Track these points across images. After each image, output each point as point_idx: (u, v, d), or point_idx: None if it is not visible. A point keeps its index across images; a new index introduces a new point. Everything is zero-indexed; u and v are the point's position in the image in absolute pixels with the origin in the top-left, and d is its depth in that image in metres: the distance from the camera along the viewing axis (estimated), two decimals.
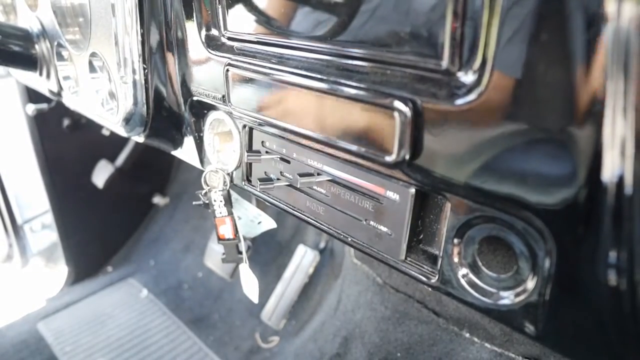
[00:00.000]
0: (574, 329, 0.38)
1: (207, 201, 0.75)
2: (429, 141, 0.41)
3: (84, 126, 1.75)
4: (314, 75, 0.49)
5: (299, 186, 0.58)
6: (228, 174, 0.72)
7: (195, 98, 0.71)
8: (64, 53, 0.93)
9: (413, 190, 0.46)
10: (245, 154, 0.65)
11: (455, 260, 0.45)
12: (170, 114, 0.78)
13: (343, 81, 0.46)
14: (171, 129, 0.81)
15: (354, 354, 1.21)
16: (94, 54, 0.82)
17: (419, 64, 0.40)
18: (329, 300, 1.42)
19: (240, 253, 0.80)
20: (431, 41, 0.39)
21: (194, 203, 0.77)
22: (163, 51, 0.73)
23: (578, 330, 0.38)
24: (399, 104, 0.41)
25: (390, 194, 0.48)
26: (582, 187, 0.33)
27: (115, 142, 1.83)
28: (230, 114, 0.67)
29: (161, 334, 1.62)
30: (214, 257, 1.74)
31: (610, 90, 0.30)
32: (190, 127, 0.76)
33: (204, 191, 0.74)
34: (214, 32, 0.64)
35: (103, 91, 0.86)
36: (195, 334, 1.62)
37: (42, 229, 1.99)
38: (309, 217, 0.60)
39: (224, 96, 0.64)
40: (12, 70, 1.32)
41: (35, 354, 1.52)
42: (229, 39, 0.62)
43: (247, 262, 0.81)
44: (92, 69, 0.85)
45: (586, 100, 0.31)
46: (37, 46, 0.98)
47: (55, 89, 1.00)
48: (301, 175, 0.57)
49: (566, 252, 0.36)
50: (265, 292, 1.59)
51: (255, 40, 0.58)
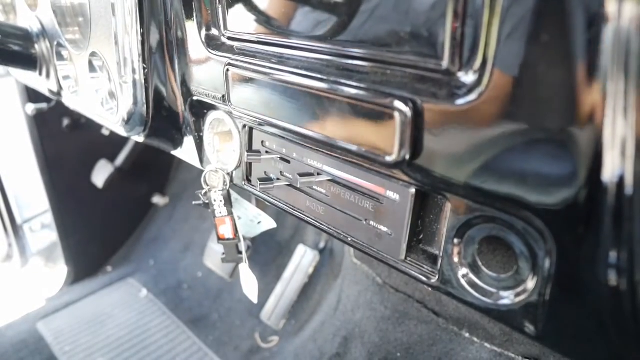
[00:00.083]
0: (574, 329, 0.38)
1: (207, 201, 0.75)
2: (429, 141, 0.41)
3: (84, 126, 1.75)
4: (314, 75, 0.49)
5: (299, 186, 0.58)
6: (228, 173, 0.72)
7: (195, 98, 0.71)
8: (64, 53, 0.93)
9: (413, 190, 0.46)
10: (245, 153, 0.65)
11: (456, 260, 0.45)
12: (170, 114, 0.78)
13: (343, 81, 0.46)
14: (171, 129, 0.81)
15: (353, 354, 1.21)
16: (93, 54, 0.82)
17: (419, 64, 0.40)
18: (329, 300, 1.41)
19: (240, 253, 0.80)
20: (431, 41, 0.39)
21: (194, 203, 0.77)
22: (163, 51, 0.72)
23: (578, 330, 0.38)
24: (399, 104, 0.41)
25: (390, 194, 0.48)
26: (583, 188, 0.33)
27: (115, 142, 1.83)
28: (230, 113, 0.67)
29: (161, 334, 1.62)
30: (214, 257, 1.74)
31: (610, 91, 0.30)
32: (190, 127, 0.76)
33: (204, 191, 0.74)
34: (214, 32, 0.64)
35: (103, 91, 0.86)
36: (195, 334, 1.62)
37: (42, 229, 1.99)
38: (309, 217, 0.60)
39: (224, 96, 0.64)
40: (12, 70, 1.32)
41: (35, 354, 1.52)
42: (229, 38, 0.62)
43: (247, 262, 0.81)
44: (92, 68, 0.85)
45: (587, 100, 0.31)
46: (37, 46, 0.98)
47: (55, 88, 1.00)
48: (301, 175, 0.57)
49: (566, 252, 0.36)
50: (265, 292, 1.59)
51: (256, 40, 0.58)
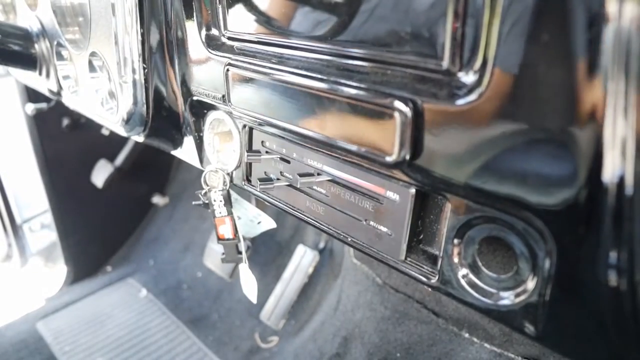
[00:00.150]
0: (574, 329, 0.38)
1: (207, 201, 0.75)
2: (429, 141, 0.41)
3: (84, 126, 1.75)
4: (314, 75, 0.49)
5: (299, 186, 0.58)
6: (228, 173, 0.72)
7: (195, 98, 0.71)
8: (64, 52, 0.93)
9: (413, 191, 0.46)
10: (245, 153, 0.65)
11: (455, 260, 0.45)
12: (170, 114, 0.78)
13: (343, 81, 0.46)
14: (171, 129, 0.81)
15: (353, 354, 1.21)
16: (93, 54, 0.81)
17: (420, 64, 0.40)
18: (329, 300, 1.41)
19: (240, 253, 0.80)
20: (432, 41, 0.39)
21: (194, 203, 0.77)
22: (163, 51, 0.72)
23: (578, 330, 0.38)
24: (399, 104, 0.41)
25: (390, 194, 0.48)
26: (583, 188, 0.33)
27: (115, 142, 1.83)
28: (230, 113, 0.67)
29: (160, 334, 1.62)
30: (214, 257, 1.74)
31: (611, 91, 0.29)
32: (190, 127, 0.76)
33: (204, 191, 0.74)
34: (214, 32, 0.64)
35: (103, 91, 0.86)
36: (195, 334, 1.62)
37: (41, 229, 1.99)
38: (308, 217, 0.60)
39: (224, 96, 0.64)
40: (12, 70, 1.32)
41: (35, 354, 1.52)
42: (229, 38, 0.62)
43: (247, 262, 0.81)
44: (92, 68, 0.85)
45: (587, 100, 0.31)
46: (37, 45, 0.98)
47: (55, 88, 1.00)
48: (301, 175, 0.57)
49: (566, 253, 0.36)
50: (265, 292, 1.59)
51: (256, 40, 0.58)
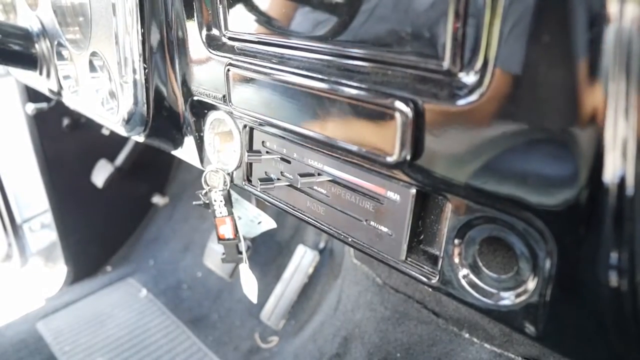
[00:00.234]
0: (574, 329, 0.38)
1: (207, 201, 0.75)
2: (430, 142, 0.41)
3: (84, 125, 1.75)
4: (315, 75, 0.49)
5: (299, 186, 0.58)
6: (228, 174, 0.72)
7: (195, 98, 0.71)
8: (64, 52, 0.93)
9: (414, 191, 0.46)
10: (246, 154, 0.65)
11: (456, 260, 0.45)
12: (171, 114, 0.78)
13: (344, 81, 0.46)
14: (171, 129, 0.81)
15: (353, 354, 1.21)
16: (94, 54, 0.81)
17: (420, 64, 0.40)
18: (329, 300, 1.41)
19: (240, 253, 0.80)
20: (432, 41, 0.39)
21: (194, 203, 0.77)
22: (164, 51, 0.72)
23: (579, 331, 0.38)
24: (400, 105, 0.41)
25: (390, 194, 0.48)
26: (584, 188, 0.33)
27: (115, 142, 1.83)
28: (230, 113, 0.67)
29: (160, 334, 1.62)
30: (214, 257, 1.74)
31: (612, 91, 0.29)
32: (191, 127, 0.76)
33: (204, 191, 0.74)
34: (215, 32, 0.64)
35: (103, 91, 0.86)
36: (195, 334, 1.62)
37: (42, 229, 1.99)
38: (309, 217, 0.60)
39: (224, 96, 0.64)
40: (12, 70, 1.32)
41: (35, 354, 1.52)
42: (230, 38, 0.62)
43: (247, 262, 0.81)
44: (93, 68, 0.85)
45: (588, 101, 0.31)
46: (37, 45, 0.98)
47: (55, 88, 1.00)
48: (302, 175, 0.57)
49: (567, 253, 0.36)
50: (265, 292, 1.59)
51: (256, 40, 0.58)
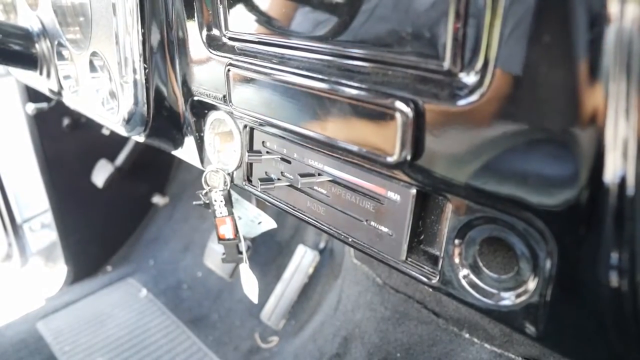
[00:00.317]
0: (574, 329, 0.38)
1: (208, 201, 0.75)
2: (430, 142, 0.41)
3: (84, 125, 1.75)
4: (315, 75, 0.49)
5: (299, 186, 0.58)
6: (228, 174, 0.72)
7: (196, 98, 0.71)
8: (65, 52, 0.93)
9: (414, 191, 0.46)
10: (246, 154, 0.65)
11: (456, 261, 0.45)
12: (171, 114, 0.78)
13: (344, 81, 0.46)
14: (172, 129, 0.81)
15: (353, 354, 1.21)
16: (94, 54, 0.81)
17: (421, 64, 0.40)
18: (329, 300, 1.41)
19: (241, 253, 0.80)
20: (433, 42, 0.39)
21: (195, 203, 0.77)
22: (164, 51, 0.72)
23: (579, 331, 0.38)
24: (400, 105, 0.41)
25: (391, 194, 0.48)
26: (584, 188, 0.33)
27: (115, 142, 1.83)
28: (231, 114, 0.67)
29: (160, 334, 1.62)
30: (214, 257, 1.74)
31: (612, 91, 0.29)
32: (191, 127, 0.76)
33: (205, 191, 0.74)
34: (215, 32, 0.64)
35: (103, 90, 0.86)
36: (195, 334, 1.62)
37: (42, 228, 1.99)
38: (309, 218, 0.60)
39: (224, 96, 0.64)
40: (12, 69, 1.32)
41: (35, 354, 1.52)
42: (230, 39, 0.62)
43: (247, 262, 0.81)
44: (93, 68, 0.85)
45: (588, 101, 0.31)
46: (38, 45, 0.98)
47: (56, 88, 1.00)
48: (302, 175, 0.57)
49: (567, 253, 0.36)
50: (265, 292, 1.59)
51: (257, 40, 0.58)
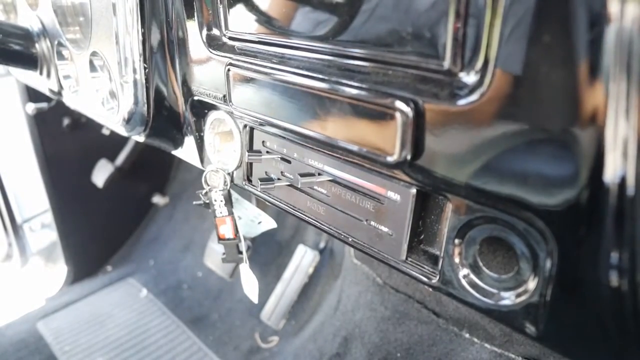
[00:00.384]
0: (575, 329, 0.38)
1: (208, 201, 0.75)
2: (430, 142, 0.41)
3: (84, 125, 1.75)
4: (315, 75, 0.49)
5: (299, 186, 0.58)
6: (228, 173, 0.72)
7: (196, 98, 0.71)
8: (65, 52, 0.93)
9: (414, 191, 0.46)
10: (246, 153, 0.65)
11: (456, 260, 0.45)
12: (171, 114, 0.78)
13: (344, 81, 0.46)
14: (172, 129, 0.81)
15: (353, 354, 1.21)
16: (94, 53, 0.81)
17: (421, 64, 0.40)
18: (329, 300, 1.41)
19: (241, 253, 0.80)
20: (433, 41, 0.39)
21: (195, 203, 0.77)
22: (164, 51, 0.72)
23: (579, 330, 0.38)
24: (400, 105, 0.41)
25: (391, 194, 0.48)
26: (584, 188, 0.33)
27: (115, 142, 1.83)
28: (231, 113, 0.67)
29: (160, 334, 1.62)
30: (214, 257, 1.74)
31: (612, 91, 0.29)
32: (191, 127, 0.76)
33: (205, 191, 0.74)
34: (215, 32, 0.64)
35: (103, 90, 0.86)
36: (195, 334, 1.62)
37: (42, 228, 1.99)
38: (309, 217, 0.60)
39: (224, 96, 0.64)
40: (12, 69, 1.32)
41: (35, 354, 1.52)
42: (230, 38, 0.62)
43: (247, 262, 0.81)
44: (93, 68, 0.85)
45: (589, 101, 0.31)
46: (38, 45, 0.98)
47: (56, 88, 1.00)
48: (302, 175, 0.57)
49: (567, 253, 0.36)
50: (265, 292, 1.59)
51: (257, 40, 0.58)
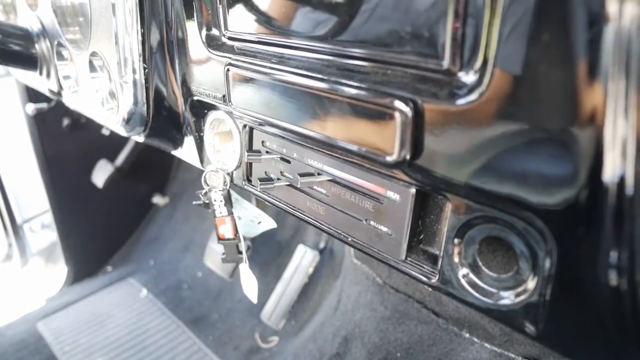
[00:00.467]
0: (574, 329, 0.38)
1: (207, 201, 0.75)
2: (429, 141, 0.41)
3: (84, 126, 1.75)
4: (315, 75, 0.49)
5: (299, 186, 0.58)
6: (228, 173, 0.72)
7: (195, 98, 0.71)
8: (64, 52, 0.93)
9: (414, 190, 0.46)
10: (246, 153, 0.65)
11: (456, 260, 0.45)
12: (171, 114, 0.78)
13: (344, 81, 0.46)
14: (171, 129, 0.81)
15: (353, 354, 1.21)
16: (94, 54, 0.82)
17: (420, 64, 0.40)
18: (329, 300, 1.41)
19: (240, 253, 0.80)
20: (432, 41, 0.39)
21: (194, 203, 0.77)
22: (163, 51, 0.72)
23: (578, 330, 0.38)
24: (399, 104, 0.41)
25: (390, 194, 0.48)
26: (583, 188, 0.33)
27: (115, 142, 1.83)
28: (230, 113, 0.67)
29: (160, 334, 1.62)
30: (214, 257, 1.74)
31: (611, 91, 0.29)
32: (191, 127, 0.76)
33: (204, 191, 0.74)
34: (215, 32, 0.64)
35: (103, 91, 0.86)
36: (195, 334, 1.62)
37: (42, 229, 1.99)
38: (309, 217, 0.60)
39: (224, 96, 0.64)
40: (12, 70, 1.32)
41: (35, 354, 1.52)
42: (230, 38, 0.62)
43: (247, 262, 0.81)
44: (92, 68, 0.85)
45: (587, 100, 0.31)
46: (37, 45, 0.98)
47: (56, 88, 1.00)
48: (301, 175, 0.57)
49: (567, 252, 0.36)
50: (265, 292, 1.59)
51: (256, 40, 0.58)
